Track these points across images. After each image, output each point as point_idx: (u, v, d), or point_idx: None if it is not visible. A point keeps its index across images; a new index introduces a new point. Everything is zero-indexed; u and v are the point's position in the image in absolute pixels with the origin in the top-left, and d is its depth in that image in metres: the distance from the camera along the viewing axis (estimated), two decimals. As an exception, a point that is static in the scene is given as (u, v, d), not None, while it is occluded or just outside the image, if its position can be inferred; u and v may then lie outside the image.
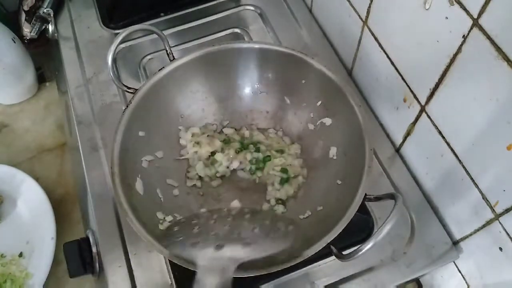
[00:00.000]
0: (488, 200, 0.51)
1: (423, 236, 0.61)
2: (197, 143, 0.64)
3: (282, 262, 0.47)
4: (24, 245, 0.72)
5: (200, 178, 0.64)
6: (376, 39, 0.64)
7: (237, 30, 0.83)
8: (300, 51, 0.61)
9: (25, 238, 0.72)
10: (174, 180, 0.62)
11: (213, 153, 0.64)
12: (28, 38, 0.88)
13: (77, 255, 0.60)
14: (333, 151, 0.61)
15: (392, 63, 0.61)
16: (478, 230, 0.55)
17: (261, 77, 0.66)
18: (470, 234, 0.57)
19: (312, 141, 0.64)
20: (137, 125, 0.58)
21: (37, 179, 0.77)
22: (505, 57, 0.41)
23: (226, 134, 0.67)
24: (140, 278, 0.59)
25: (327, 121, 0.62)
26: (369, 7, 0.62)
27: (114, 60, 0.65)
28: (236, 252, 0.44)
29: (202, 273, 0.42)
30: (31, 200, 0.75)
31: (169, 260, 0.59)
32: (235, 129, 0.68)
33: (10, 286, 0.67)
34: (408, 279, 0.59)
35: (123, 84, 0.61)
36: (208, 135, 0.65)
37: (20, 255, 0.71)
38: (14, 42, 0.83)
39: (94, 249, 0.61)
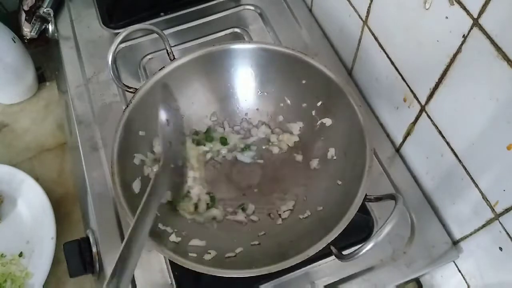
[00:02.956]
0: (488, 200, 0.51)
1: (423, 236, 0.61)
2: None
3: (283, 260, 0.47)
4: (24, 245, 0.72)
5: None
6: (376, 38, 0.64)
7: (237, 30, 0.83)
8: (300, 51, 0.61)
9: (25, 238, 0.72)
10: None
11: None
12: (28, 37, 0.88)
13: (77, 255, 0.60)
14: (333, 151, 0.61)
15: (392, 62, 0.61)
16: (478, 230, 0.55)
17: (261, 77, 0.66)
18: (470, 234, 0.57)
19: (312, 141, 0.64)
20: (137, 125, 0.58)
21: (37, 179, 0.77)
22: (505, 57, 0.41)
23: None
24: (140, 278, 0.59)
25: (327, 121, 0.62)
26: (369, 6, 0.62)
27: (114, 60, 0.65)
28: None
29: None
30: (31, 200, 0.75)
31: (169, 260, 0.59)
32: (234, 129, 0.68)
33: (10, 286, 0.67)
34: (408, 278, 0.59)
35: (123, 84, 0.61)
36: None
37: (20, 254, 0.71)
38: (14, 41, 0.83)
39: (94, 249, 0.61)
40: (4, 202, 0.75)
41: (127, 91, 0.61)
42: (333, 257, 0.52)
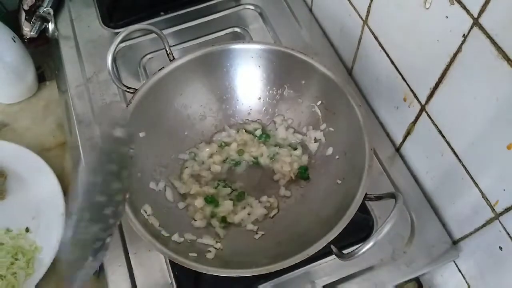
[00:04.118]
0: (488, 199, 0.51)
1: (423, 236, 0.61)
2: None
3: (283, 260, 0.47)
4: (30, 220, 0.71)
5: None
6: (376, 38, 0.64)
7: (237, 29, 0.83)
8: (300, 51, 0.61)
9: (31, 214, 0.72)
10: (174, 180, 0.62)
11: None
12: (28, 37, 0.88)
13: (77, 255, 0.60)
14: (333, 151, 0.61)
15: (392, 62, 0.61)
16: (478, 229, 0.55)
17: (261, 77, 0.66)
18: (470, 234, 0.57)
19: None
20: (137, 125, 0.58)
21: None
22: (505, 56, 0.41)
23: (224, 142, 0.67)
24: (140, 278, 0.59)
25: (328, 121, 0.62)
26: (369, 6, 0.62)
27: (114, 60, 0.65)
28: None
29: None
30: (37, 177, 0.75)
31: (169, 260, 0.59)
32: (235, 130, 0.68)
33: (22, 259, 0.66)
34: (408, 278, 0.59)
35: (123, 84, 0.61)
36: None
37: (27, 230, 0.70)
38: (14, 41, 0.83)
39: (94, 249, 0.61)
40: (9, 179, 0.75)
41: (127, 91, 0.61)
42: (333, 256, 0.52)
